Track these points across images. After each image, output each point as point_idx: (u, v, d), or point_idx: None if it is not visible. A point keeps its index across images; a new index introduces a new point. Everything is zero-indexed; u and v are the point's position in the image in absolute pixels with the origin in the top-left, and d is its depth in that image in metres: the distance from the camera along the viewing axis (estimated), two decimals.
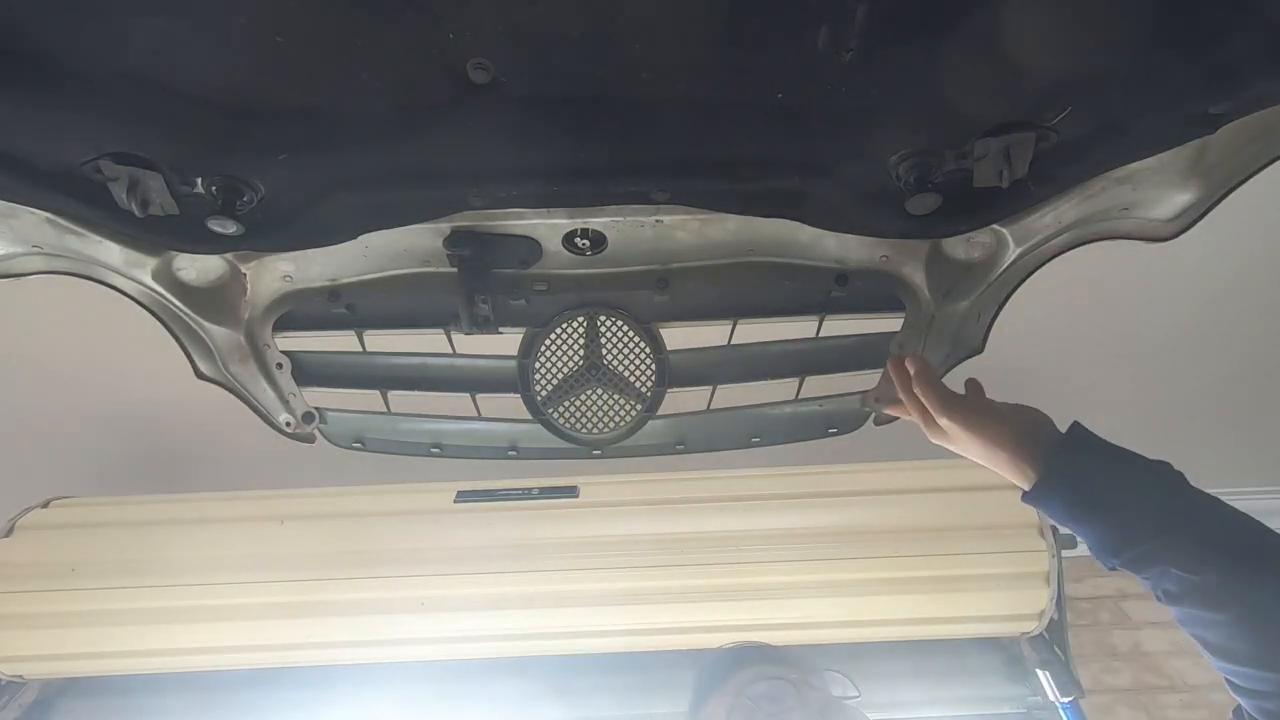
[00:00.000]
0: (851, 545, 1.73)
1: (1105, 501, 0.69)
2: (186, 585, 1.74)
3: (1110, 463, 0.70)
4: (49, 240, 0.75)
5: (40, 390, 2.08)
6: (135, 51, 0.50)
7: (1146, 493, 0.68)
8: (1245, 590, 0.61)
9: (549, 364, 0.93)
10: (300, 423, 1.02)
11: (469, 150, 0.62)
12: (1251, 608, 0.60)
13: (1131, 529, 0.67)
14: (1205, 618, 0.63)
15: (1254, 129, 0.66)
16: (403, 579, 1.72)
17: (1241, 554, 0.63)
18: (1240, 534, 0.64)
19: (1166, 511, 0.66)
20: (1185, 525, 0.65)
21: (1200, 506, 0.66)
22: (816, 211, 0.72)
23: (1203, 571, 0.63)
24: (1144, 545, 0.66)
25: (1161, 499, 0.67)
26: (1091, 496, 0.70)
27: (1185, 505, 0.66)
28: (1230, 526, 0.65)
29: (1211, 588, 0.62)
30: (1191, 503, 0.66)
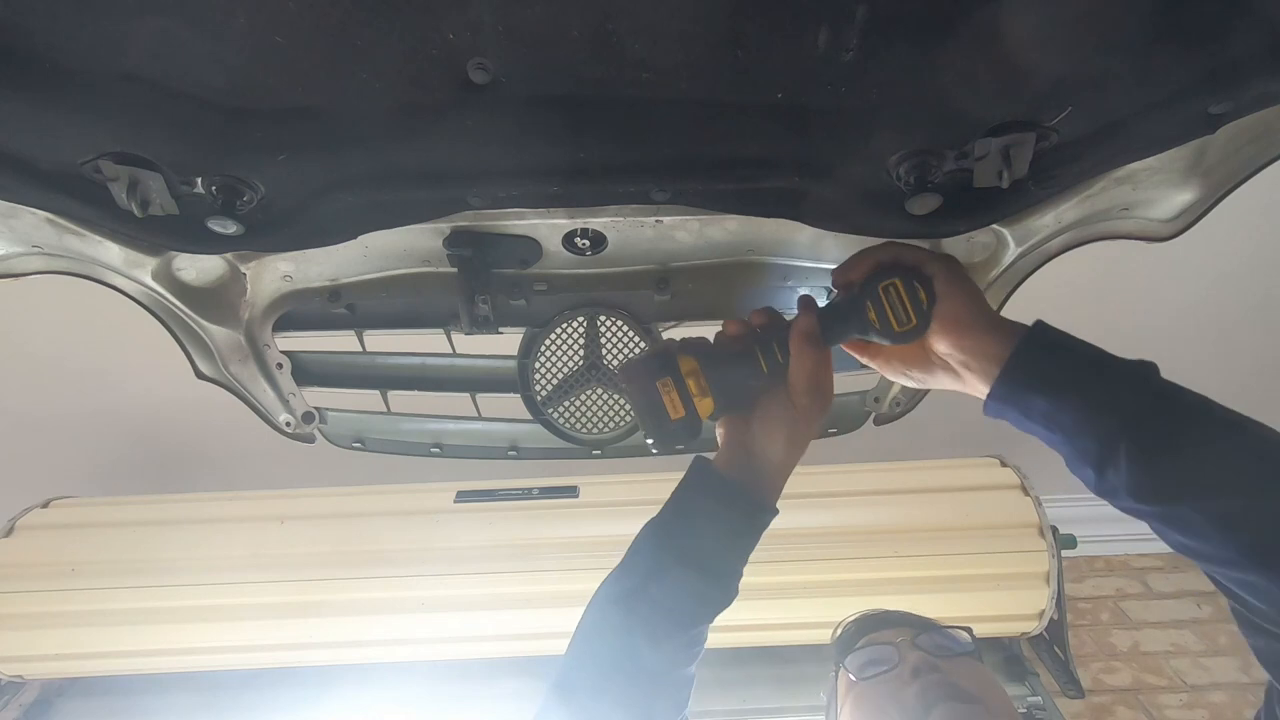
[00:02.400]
0: (851, 545, 1.73)
1: (1071, 402, 0.60)
2: (186, 585, 1.74)
3: (1074, 363, 0.62)
4: (49, 240, 0.75)
5: (40, 390, 2.08)
6: (135, 51, 0.50)
7: (1114, 390, 0.59)
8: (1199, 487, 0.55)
9: (549, 364, 0.94)
10: (300, 423, 1.02)
11: (469, 150, 0.62)
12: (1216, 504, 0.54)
13: (1099, 428, 0.59)
14: (1171, 513, 0.57)
15: (1254, 129, 0.66)
16: (403, 579, 1.73)
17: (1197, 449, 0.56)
18: (1214, 418, 0.58)
19: (1134, 404, 0.58)
20: (1151, 418, 0.58)
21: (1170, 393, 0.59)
22: (816, 211, 0.72)
23: (1165, 463, 0.56)
24: (1107, 446, 0.58)
25: (1131, 394, 0.59)
26: (1058, 393, 0.61)
27: (1151, 399, 0.59)
28: (1204, 413, 0.58)
29: (1175, 481, 0.56)
30: (1160, 393, 0.59)
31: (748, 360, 0.70)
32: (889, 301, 0.65)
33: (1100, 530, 2.08)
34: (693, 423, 0.68)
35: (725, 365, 0.70)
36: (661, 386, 0.68)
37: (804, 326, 0.68)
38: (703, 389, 0.68)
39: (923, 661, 0.87)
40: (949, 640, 0.93)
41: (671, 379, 0.68)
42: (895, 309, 0.65)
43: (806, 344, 0.67)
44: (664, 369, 0.68)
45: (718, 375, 0.69)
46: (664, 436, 0.69)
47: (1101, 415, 0.58)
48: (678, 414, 0.68)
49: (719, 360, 0.70)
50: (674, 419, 0.68)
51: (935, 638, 0.93)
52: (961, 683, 0.85)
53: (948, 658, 0.89)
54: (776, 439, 0.68)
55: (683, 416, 0.68)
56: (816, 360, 0.67)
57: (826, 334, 0.69)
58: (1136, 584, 2.19)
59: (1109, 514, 0.65)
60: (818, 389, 0.68)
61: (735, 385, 0.70)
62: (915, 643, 0.91)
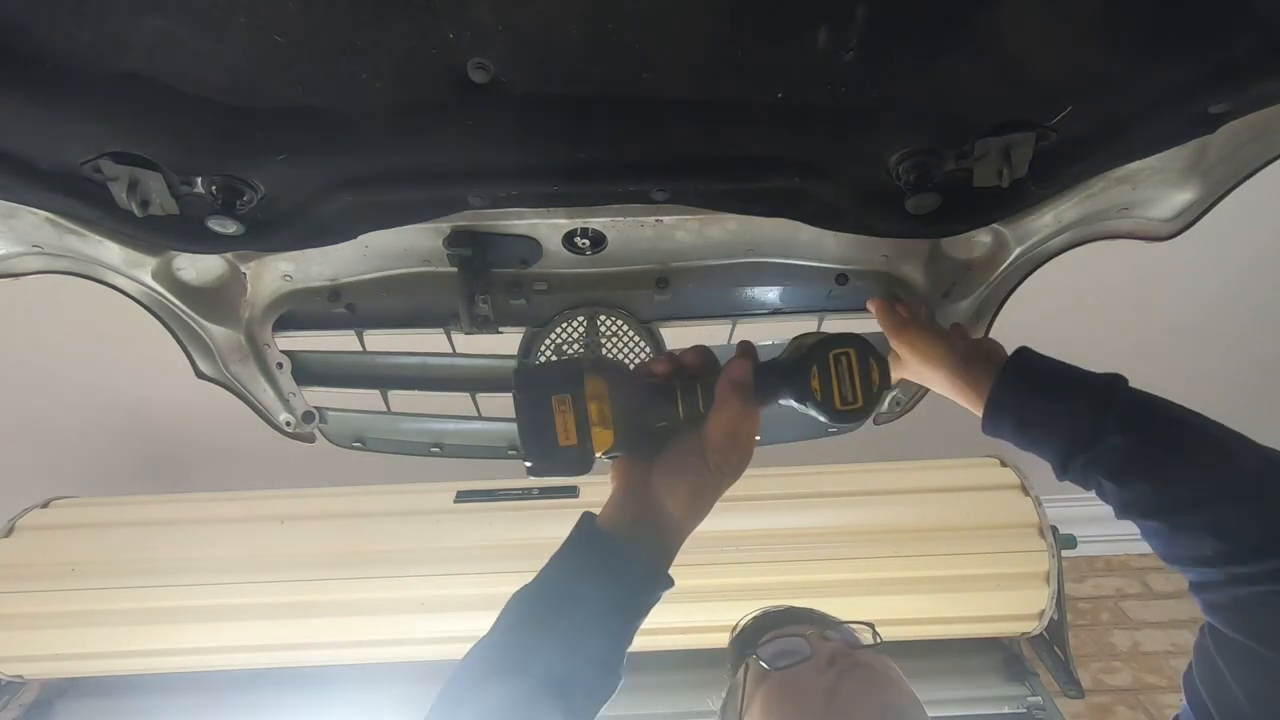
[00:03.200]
0: (852, 545, 1.73)
1: (1042, 427, 0.69)
2: (186, 585, 1.74)
3: (1044, 389, 0.71)
4: (49, 240, 0.75)
5: (40, 390, 2.08)
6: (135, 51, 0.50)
7: (1077, 414, 0.67)
8: (1170, 496, 0.62)
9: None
10: (300, 422, 1.02)
11: (469, 150, 0.62)
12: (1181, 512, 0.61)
13: (1065, 451, 0.67)
14: (1145, 526, 0.64)
15: (1254, 129, 0.66)
16: (403, 579, 1.73)
17: (1168, 460, 0.63)
18: (1170, 437, 0.65)
19: (1094, 429, 0.66)
20: (1111, 442, 0.65)
21: (1129, 418, 0.66)
22: (816, 211, 0.72)
23: (1130, 484, 0.64)
24: (1076, 467, 0.67)
25: (1091, 417, 0.66)
26: (1031, 423, 0.70)
27: (1114, 422, 0.66)
28: (1162, 433, 0.65)
29: (1140, 499, 0.63)
30: (1120, 417, 0.66)
31: (664, 398, 0.62)
32: (836, 372, 0.58)
33: (1100, 530, 2.08)
34: (583, 454, 0.59)
35: (638, 398, 0.62)
36: (558, 404, 0.58)
37: (734, 375, 0.61)
38: (604, 419, 0.59)
39: (837, 650, 0.88)
40: (854, 637, 0.96)
41: (571, 398, 0.58)
42: (842, 383, 0.59)
43: (733, 394, 0.60)
44: (565, 385, 0.59)
45: (626, 407, 0.60)
46: (546, 463, 0.60)
47: (1070, 445, 0.67)
48: (568, 440, 0.59)
49: (632, 391, 0.62)
50: (562, 444, 0.58)
51: (843, 632, 0.95)
52: (876, 665, 0.87)
53: (859, 649, 0.92)
54: (678, 493, 0.61)
55: (573, 445, 0.59)
56: (740, 415, 0.60)
57: (759, 389, 0.62)
58: (1136, 584, 2.19)
59: (1109, 514, 0.68)
60: (734, 446, 0.61)
61: (643, 423, 0.62)
62: (826, 635, 0.92)
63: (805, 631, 0.94)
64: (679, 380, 0.63)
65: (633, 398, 0.61)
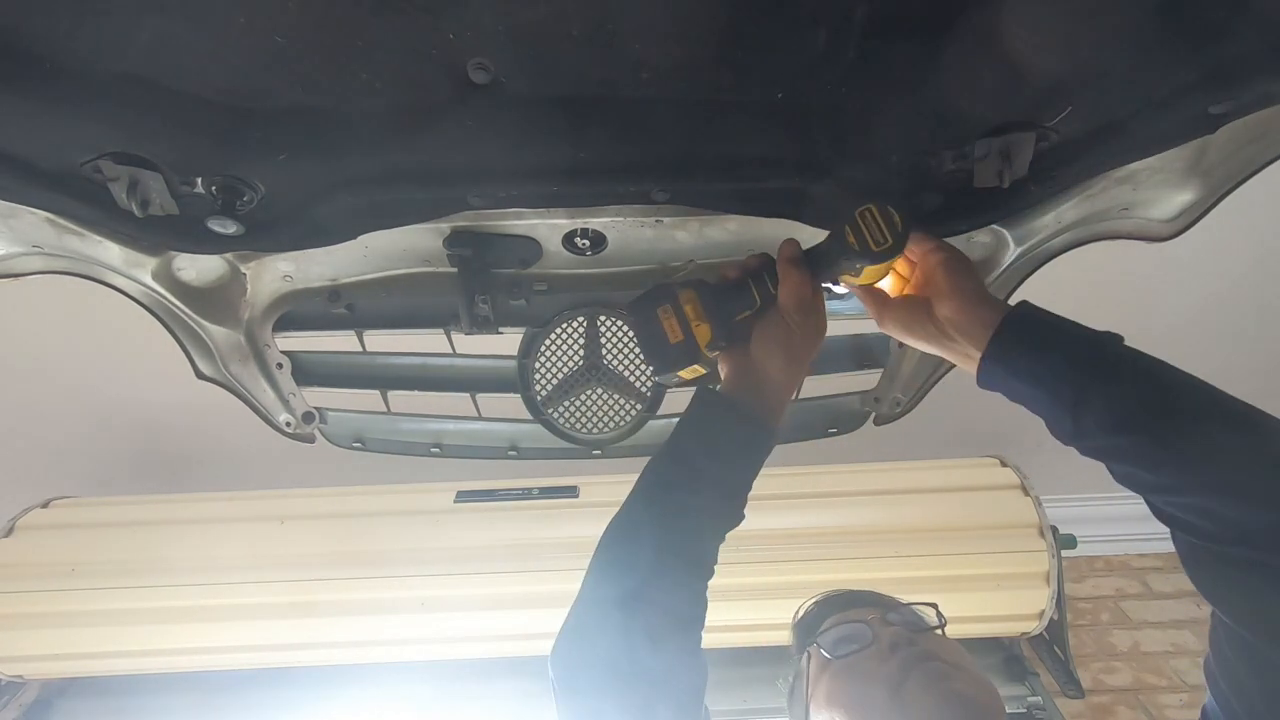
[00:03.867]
0: (851, 545, 1.73)
1: (1038, 382, 0.67)
2: (186, 585, 1.74)
3: (1040, 348, 0.68)
4: (49, 240, 0.75)
5: (40, 390, 2.08)
6: (135, 51, 0.50)
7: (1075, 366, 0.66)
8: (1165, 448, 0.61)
9: (549, 364, 0.94)
10: (300, 423, 1.02)
11: (469, 150, 0.62)
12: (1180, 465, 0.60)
13: (1061, 406, 0.65)
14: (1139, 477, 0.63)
15: (1254, 129, 0.66)
16: (403, 579, 1.72)
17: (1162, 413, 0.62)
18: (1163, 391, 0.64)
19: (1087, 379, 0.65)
20: (1102, 391, 0.64)
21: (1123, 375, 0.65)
22: (817, 211, 0.72)
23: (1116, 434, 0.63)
24: (1071, 420, 0.65)
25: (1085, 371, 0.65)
26: (1027, 381, 0.68)
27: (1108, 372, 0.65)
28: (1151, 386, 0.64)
29: (1135, 448, 0.62)
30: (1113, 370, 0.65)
31: (741, 291, 0.75)
32: (865, 225, 0.68)
33: (1100, 530, 2.08)
34: (691, 347, 0.73)
35: (721, 296, 0.75)
36: (662, 313, 0.74)
37: (788, 253, 0.73)
38: (699, 315, 0.73)
39: (899, 636, 0.87)
40: (917, 617, 0.94)
41: (671, 306, 0.74)
42: (871, 231, 0.68)
43: (792, 267, 0.72)
44: (665, 299, 0.74)
45: (714, 304, 0.74)
46: (665, 361, 0.74)
47: (1078, 365, 0.65)
48: (676, 338, 0.73)
49: (715, 292, 0.75)
50: (673, 342, 0.73)
51: (905, 614, 0.94)
52: (941, 653, 0.86)
53: (920, 632, 0.90)
54: (775, 356, 0.72)
55: (681, 340, 0.73)
56: (801, 279, 0.71)
57: (811, 258, 0.73)
58: (1136, 584, 2.19)
59: (1109, 514, 0.67)
60: (808, 307, 0.72)
61: (730, 313, 0.75)
62: (887, 619, 0.91)
63: (867, 616, 0.93)
64: (749, 274, 0.76)
65: (717, 296, 0.75)
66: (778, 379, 0.73)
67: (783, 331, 0.72)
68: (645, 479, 0.72)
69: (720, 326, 0.74)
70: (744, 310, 0.75)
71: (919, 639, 0.88)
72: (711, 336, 0.73)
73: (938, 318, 0.72)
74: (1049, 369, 0.66)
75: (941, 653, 0.86)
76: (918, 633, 0.90)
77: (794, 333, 0.72)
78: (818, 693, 0.89)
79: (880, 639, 0.88)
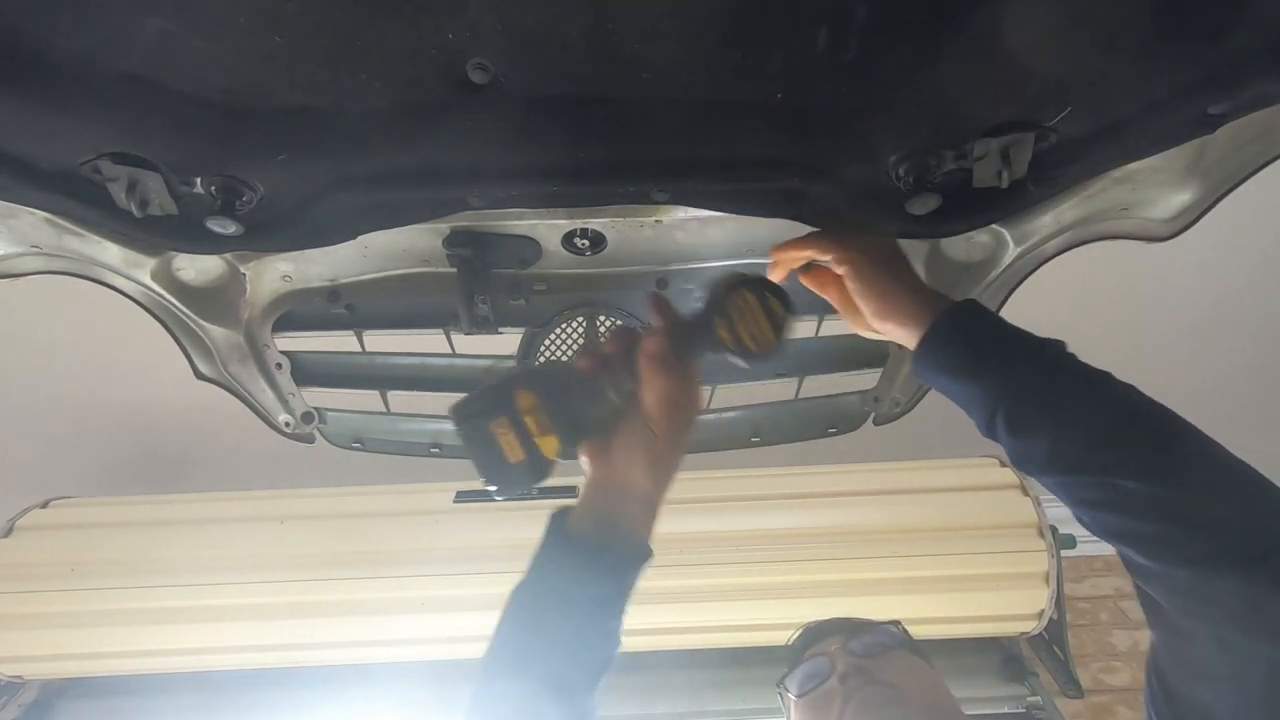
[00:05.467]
0: (851, 545, 1.73)
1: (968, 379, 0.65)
2: (186, 585, 1.74)
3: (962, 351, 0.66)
4: (49, 240, 0.75)
5: (40, 390, 2.08)
6: (135, 52, 0.50)
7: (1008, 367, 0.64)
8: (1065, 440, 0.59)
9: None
10: (300, 423, 1.02)
11: (469, 150, 0.62)
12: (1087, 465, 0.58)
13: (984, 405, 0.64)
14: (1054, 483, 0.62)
15: (1254, 129, 0.66)
16: (402, 579, 1.73)
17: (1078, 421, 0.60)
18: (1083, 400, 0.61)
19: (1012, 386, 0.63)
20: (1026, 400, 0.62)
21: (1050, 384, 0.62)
22: (816, 211, 0.72)
23: (1025, 436, 0.61)
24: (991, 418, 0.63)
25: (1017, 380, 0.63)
26: (949, 383, 0.66)
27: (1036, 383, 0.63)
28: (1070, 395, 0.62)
29: (1033, 452, 0.61)
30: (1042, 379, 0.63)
31: (595, 392, 0.64)
32: (741, 317, 0.60)
33: None
34: (536, 464, 0.62)
35: (571, 397, 0.64)
36: (497, 429, 0.61)
37: (650, 349, 0.64)
38: (544, 427, 0.62)
39: (850, 666, 0.89)
40: (880, 637, 0.95)
41: (508, 419, 0.61)
42: (749, 325, 0.61)
43: (654, 367, 0.63)
44: (499, 408, 0.62)
45: (562, 409, 0.63)
46: (508, 483, 0.63)
47: (986, 395, 0.63)
48: (517, 457, 0.62)
49: (564, 392, 0.64)
50: (513, 463, 0.62)
51: (866, 639, 0.94)
52: (882, 675, 0.87)
53: (877, 655, 0.91)
54: (637, 466, 0.64)
55: (524, 460, 0.62)
56: (666, 383, 0.63)
57: (679, 351, 0.64)
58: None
59: None
60: (673, 410, 0.64)
61: (584, 418, 0.64)
62: (848, 648, 0.92)
63: (831, 647, 0.94)
64: (604, 369, 0.65)
65: (565, 399, 0.64)
66: (642, 489, 0.65)
67: (646, 437, 0.64)
68: (511, 614, 0.64)
69: (569, 433, 0.64)
70: (598, 411, 0.65)
71: (871, 665, 0.89)
72: (560, 447, 0.63)
73: (869, 322, 0.71)
74: (960, 394, 0.65)
75: (889, 675, 0.87)
76: (873, 657, 0.91)
77: (658, 439, 0.64)
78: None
79: (836, 671, 0.89)
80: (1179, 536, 0.53)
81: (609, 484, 0.66)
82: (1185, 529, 0.53)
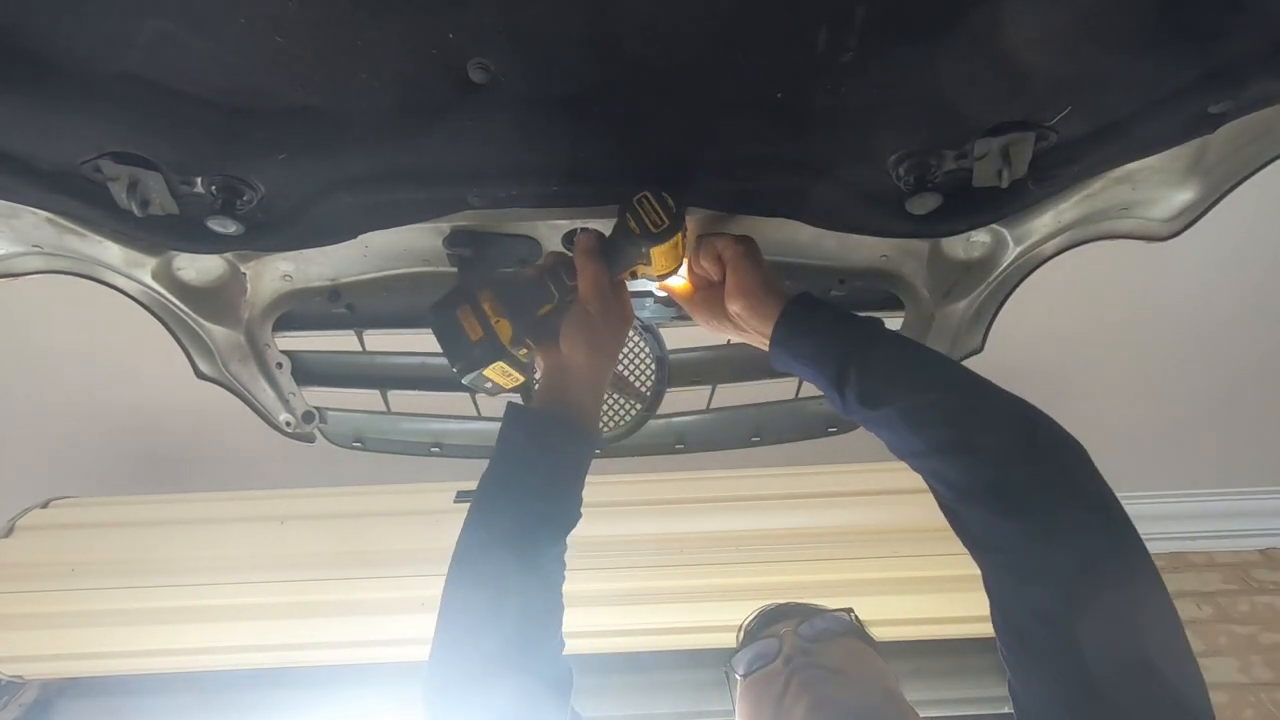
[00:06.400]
0: (851, 545, 1.73)
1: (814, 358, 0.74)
2: (186, 585, 1.74)
3: (810, 334, 0.75)
4: (49, 240, 0.75)
5: (40, 390, 2.08)
6: (135, 52, 0.50)
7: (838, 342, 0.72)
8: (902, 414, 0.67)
9: None
10: (300, 422, 1.02)
11: (469, 150, 0.62)
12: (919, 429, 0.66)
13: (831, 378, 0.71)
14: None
15: (1254, 129, 0.66)
16: (403, 579, 1.73)
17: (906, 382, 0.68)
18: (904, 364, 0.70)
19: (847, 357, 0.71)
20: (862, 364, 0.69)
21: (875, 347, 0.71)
22: (816, 211, 0.72)
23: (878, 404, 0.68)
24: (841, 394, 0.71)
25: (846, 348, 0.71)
26: (805, 364, 0.74)
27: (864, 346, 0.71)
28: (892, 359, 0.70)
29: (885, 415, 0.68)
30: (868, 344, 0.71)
31: (539, 286, 0.76)
32: (643, 210, 0.71)
33: None
34: (493, 344, 0.73)
35: (520, 293, 0.76)
36: (461, 314, 0.73)
37: (582, 244, 0.76)
38: (498, 312, 0.74)
39: (795, 648, 0.90)
40: (831, 623, 0.96)
41: (470, 306, 0.73)
42: (649, 215, 0.71)
43: (586, 258, 0.74)
44: (464, 299, 0.74)
45: (513, 301, 0.75)
46: (469, 360, 0.74)
47: (840, 346, 0.72)
48: (477, 335, 0.73)
49: (514, 289, 0.76)
50: (474, 340, 0.73)
51: (816, 624, 0.95)
52: (826, 659, 0.88)
53: (826, 640, 0.92)
54: (579, 347, 0.74)
55: (482, 337, 0.73)
56: (597, 269, 0.74)
57: (604, 248, 0.75)
58: None
59: None
60: (605, 294, 0.74)
61: (530, 308, 0.76)
62: (798, 631, 0.93)
63: (781, 630, 0.94)
64: (546, 272, 0.77)
65: (516, 293, 0.76)
66: (585, 369, 0.74)
67: (584, 321, 0.74)
68: (476, 503, 0.73)
69: (521, 322, 0.75)
70: (544, 304, 0.76)
71: (817, 648, 0.90)
72: (513, 332, 0.74)
73: (729, 312, 0.78)
74: (818, 353, 0.73)
75: (832, 660, 0.88)
76: (821, 642, 0.91)
77: (595, 321, 0.74)
78: (738, 711, 0.92)
79: (783, 652, 0.90)
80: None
81: (557, 368, 0.75)
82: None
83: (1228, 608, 2.06)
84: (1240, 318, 2.05)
